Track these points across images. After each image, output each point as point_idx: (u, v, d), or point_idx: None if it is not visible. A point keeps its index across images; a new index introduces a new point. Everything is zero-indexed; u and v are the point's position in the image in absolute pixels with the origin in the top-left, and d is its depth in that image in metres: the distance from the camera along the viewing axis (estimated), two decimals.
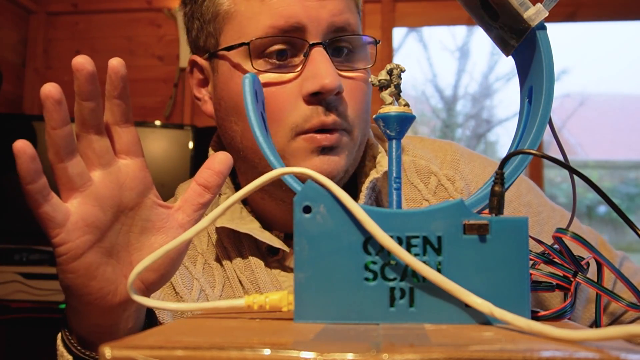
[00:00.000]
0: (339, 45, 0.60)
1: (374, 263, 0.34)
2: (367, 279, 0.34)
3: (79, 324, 0.46)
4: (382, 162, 0.63)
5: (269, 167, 0.39)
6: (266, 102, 0.54)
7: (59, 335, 0.49)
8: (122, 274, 0.44)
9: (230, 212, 0.64)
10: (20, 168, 0.38)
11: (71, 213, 0.41)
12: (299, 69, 0.57)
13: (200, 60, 0.64)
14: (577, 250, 0.39)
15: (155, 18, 2.27)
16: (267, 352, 0.24)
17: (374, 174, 0.63)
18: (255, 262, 0.62)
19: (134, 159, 0.44)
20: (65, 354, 0.47)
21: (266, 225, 0.64)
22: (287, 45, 0.58)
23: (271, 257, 0.63)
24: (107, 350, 0.25)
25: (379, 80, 0.40)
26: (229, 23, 0.60)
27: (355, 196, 0.64)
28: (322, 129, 0.57)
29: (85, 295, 0.42)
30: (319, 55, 0.56)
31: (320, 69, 0.55)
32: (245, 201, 0.66)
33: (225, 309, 0.37)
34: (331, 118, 0.57)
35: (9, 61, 2.16)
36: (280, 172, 0.36)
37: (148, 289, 0.45)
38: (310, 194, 0.34)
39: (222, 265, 0.64)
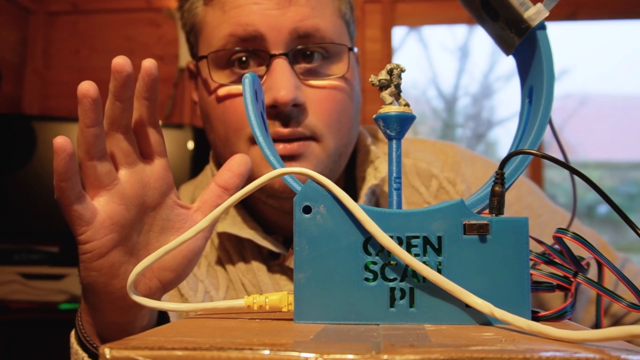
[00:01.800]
0: (310, 50, 0.59)
1: (374, 263, 0.34)
2: (367, 279, 0.34)
3: (96, 322, 0.46)
4: (381, 167, 0.63)
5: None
6: (227, 112, 0.56)
7: (72, 333, 0.49)
8: (142, 273, 0.43)
9: (232, 217, 0.64)
10: (57, 165, 0.39)
11: (98, 211, 0.41)
12: (261, 80, 0.57)
13: (191, 66, 0.66)
14: (578, 250, 0.39)
15: (155, 18, 2.26)
16: (266, 352, 0.24)
17: (372, 180, 0.63)
18: (257, 266, 0.63)
19: (159, 159, 0.45)
20: (80, 351, 0.47)
21: (267, 229, 0.65)
22: (249, 54, 0.58)
23: (273, 261, 0.63)
24: (106, 351, 0.24)
25: (379, 80, 0.40)
26: (201, 34, 0.62)
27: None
28: (280, 139, 0.57)
29: (107, 293, 0.43)
30: (278, 67, 0.56)
31: (276, 82, 0.55)
32: (246, 206, 0.66)
33: (225, 309, 0.37)
34: (288, 130, 0.56)
35: (9, 61, 2.16)
36: (280, 172, 0.36)
37: (165, 288, 0.46)
38: (310, 194, 0.34)
39: (225, 268, 0.64)
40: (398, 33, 2.59)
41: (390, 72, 0.40)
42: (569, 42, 2.73)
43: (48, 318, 1.63)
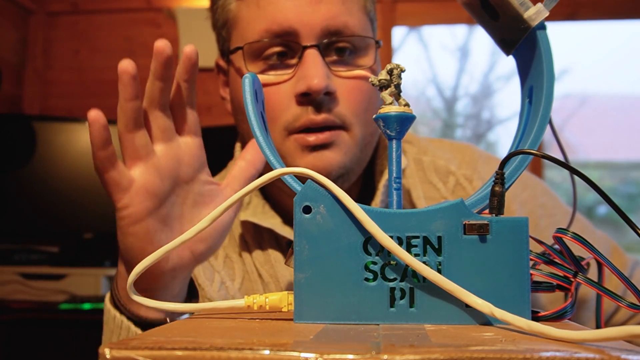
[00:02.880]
0: (339, 46, 0.61)
1: (374, 263, 0.34)
2: (367, 279, 0.34)
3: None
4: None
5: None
6: (265, 102, 0.56)
7: (108, 298, 0.51)
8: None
9: (253, 206, 0.66)
10: (92, 135, 0.42)
11: (135, 180, 0.44)
12: (292, 70, 0.59)
13: (221, 62, 0.69)
14: (579, 251, 0.39)
15: (155, 18, 2.26)
16: (266, 352, 0.24)
17: None
18: (275, 257, 0.64)
19: (194, 138, 0.49)
20: (119, 315, 0.50)
21: (287, 221, 0.66)
22: (284, 47, 0.60)
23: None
24: (106, 351, 0.24)
25: (379, 80, 0.40)
26: (235, 28, 0.64)
27: (372, 195, 0.65)
28: (312, 128, 0.59)
29: (141, 258, 0.44)
30: (310, 57, 0.58)
31: (309, 71, 0.58)
32: (267, 197, 0.68)
33: (225, 309, 0.37)
34: (321, 117, 0.59)
35: (9, 61, 2.16)
36: (280, 172, 0.36)
37: (196, 260, 0.49)
38: (310, 194, 0.34)
39: (242, 258, 0.66)
40: (398, 33, 2.59)
41: (390, 72, 0.40)
42: (569, 42, 2.73)
43: (48, 318, 1.63)
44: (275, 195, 0.68)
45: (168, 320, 0.49)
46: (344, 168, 0.61)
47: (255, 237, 0.66)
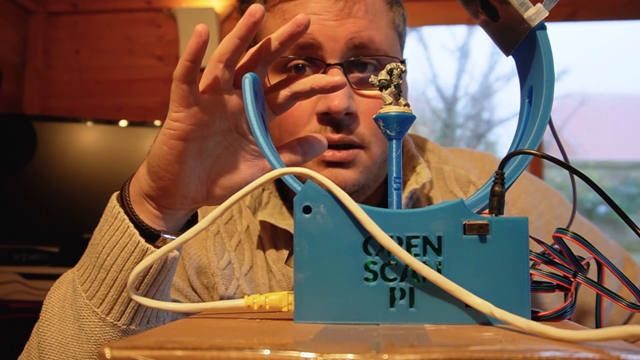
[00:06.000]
0: (363, 61, 0.61)
1: (374, 263, 0.34)
2: (367, 279, 0.34)
3: (139, 193, 0.50)
4: (422, 173, 0.66)
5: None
6: (283, 115, 0.58)
7: (114, 199, 0.52)
8: (197, 175, 0.49)
9: (271, 206, 0.67)
10: (191, 45, 0.44)
11: (199, 104, 0.46)
12: None
13: None
14: (579, 251, 0.39)
15: (155, 18, 2.26)
16: (267, 352, 0.24)
17: (413, 185, 0.65)
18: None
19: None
20: (118, 206, 0.51)
21: None
22: (306, 61, 0.61)
23: None
24: (106, 351, 0.24)
25: (379, 81, 0.40)
26: (260, 39, 0.64)
27: None
28: (331, 145, 0.59)
29: (164, 171, 0.47)
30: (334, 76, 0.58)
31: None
32: (285, 198, 0.68)
33: (225, 309, 0.37)
34: (339, 136, 0.59)
35: (9, 61, 2.16)
36: (280, 172, 0.36)
37: (207, 200, 0.50)
38: (310, 194, 0.34)
39: (255, 252, 0.66)
40: None
41: (390, 72, 0.40)
42: (568, 42, 2.73)
43: None
44: (292, 197, 0.68)
45: (166, 237, 0.50)
46: (358, 185, 0.61)
47: (272, 237, 0.67)
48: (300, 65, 0.61)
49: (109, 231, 0.50)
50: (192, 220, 0.54)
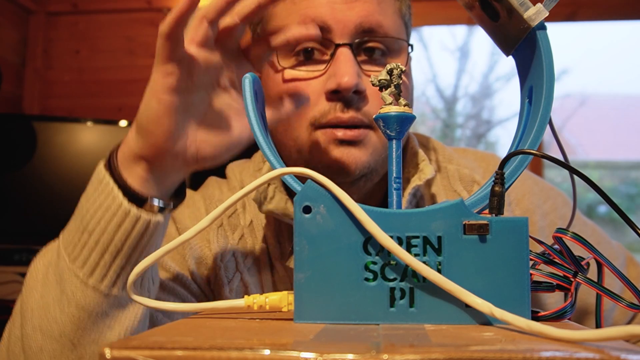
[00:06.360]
0: (370, 45, 0.61)
1: (374, 263, 0.34)
2: (367, 279, 0.34)
3: (129, 156, 0.52)
4: (425, 170, 0.65)
5: (301, 156, 0.48)
6: (291, 96, 0.59)
7: (101, 165, 0.53)
8: (185, 131, 0.51)
9: (277, 202, 0.66)
10: (182, 6, 0.47)
11: (187, 57, 0.49)
12: (324, 67, 0.60)
13: None
14: (579, 251, 0.39)
15: (155, 18, 2.26)
16: (267, 352, 0.24)
17: (416, 181, 0.65)
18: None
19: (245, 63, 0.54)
20: (104, 171, 0.52)
21: None
22: (315, 44, 0.61)
23: None
24: (106, 351, 0.24)
25: (379, 80, 0.40)
26: (269, 23, 0.64)
27: None
28: (339, 125, 0.59)
29: (154, 124, 0.49)
30: (342, 55, 0.59)
31: (340, 68, 0.58)
32: (290, 194, 0.68)
33: (225, 309, 0.37)
34: (348, 115, 0.58)
35: (9, 61, 2.16)
36: (280, 172, 0.36)
37: (197, 162, 0.52)
38: (310, 194, 0.34)
39: (255, 246, 0.66)
40: None
41: (390, 72, 0.40)
42: (568, 42, 2.73)
43: None
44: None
45: (155, 201, 0.51)
46: (368, 167, 0.61)
47: (275, 232, 0.67)
48: (309, 48, 0.61)
49: (93, 195, 0.51)
50: (181, 190, 0.55)
